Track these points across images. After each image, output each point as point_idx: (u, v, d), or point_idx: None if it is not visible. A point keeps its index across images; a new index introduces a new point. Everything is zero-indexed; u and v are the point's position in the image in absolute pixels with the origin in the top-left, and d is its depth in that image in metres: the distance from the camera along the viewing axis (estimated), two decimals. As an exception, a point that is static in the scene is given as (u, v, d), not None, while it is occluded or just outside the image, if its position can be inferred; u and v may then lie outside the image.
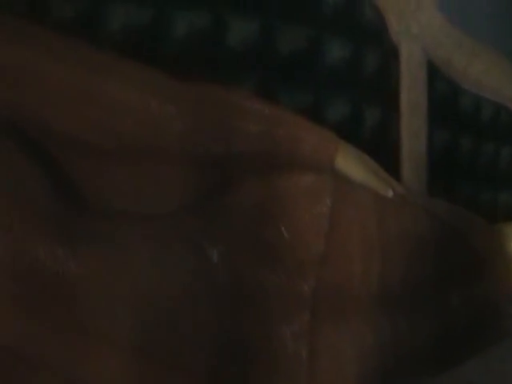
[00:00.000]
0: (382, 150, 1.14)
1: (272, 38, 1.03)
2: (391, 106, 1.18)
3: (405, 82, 1.20)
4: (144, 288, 0.77)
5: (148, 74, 0.86)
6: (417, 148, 1.22)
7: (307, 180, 0.90)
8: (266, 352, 0.83)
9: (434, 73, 1.26)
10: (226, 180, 0.87)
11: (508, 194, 1.42)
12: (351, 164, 0.94)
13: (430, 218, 0.98)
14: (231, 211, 0.85)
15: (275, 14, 1.03)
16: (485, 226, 1.10)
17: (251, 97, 0.91)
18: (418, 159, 1.22)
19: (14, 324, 0.73)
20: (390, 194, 0.95)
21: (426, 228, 0.97)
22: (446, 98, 1.30)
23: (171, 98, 0.84)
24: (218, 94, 0.88)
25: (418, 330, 0.94)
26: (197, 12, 0.97)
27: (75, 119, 0.80)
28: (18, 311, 0.74)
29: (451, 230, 1.01)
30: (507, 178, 1.42)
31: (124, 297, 0.75)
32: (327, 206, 0.89)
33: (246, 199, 0.86)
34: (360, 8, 1.15)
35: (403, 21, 1.22)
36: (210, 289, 0.80)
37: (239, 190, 0.86)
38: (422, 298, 0.95)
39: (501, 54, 1.37)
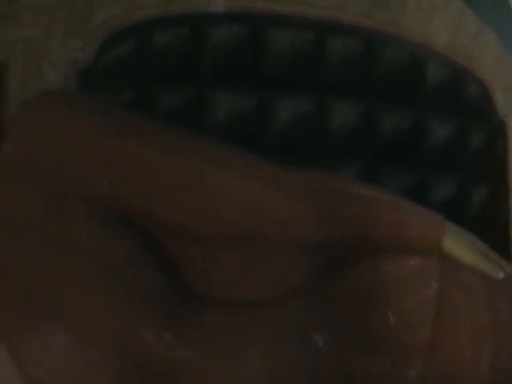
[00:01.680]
0: (491, 229, 1.11)
1: (375, 120, 1.03)
2: (499, 183, 1.16)
3: (513, 158, 1.18)
4: (248, 377, 0.77)
5: (252, 161, 0.87)
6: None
7: (413, 263, 0.88)
8: None
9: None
10: (330, 265, 0.86)
11: None
12: (459, 246, 0.92)
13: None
14: (337, 296, 0.84)
15: (377, 96, 1.04)
16: None
17: (355, 181, 0.91)
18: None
19: None
20: (501, 275, 0.92)
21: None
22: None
23: (275, 185, 0.85)
24: (322, 180, 0.88)
25: None
26: (299, 97, 0.99)
27: (180, 207, 0.83)
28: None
29: None
30: None
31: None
32: (434, 290, 0.87)
33: (352, 284, 0.85)
34: (464, 83, 1.14)
35: (510, 94, 1.20)
36: (316, 378, 0.79)
37: (345, 274, 0.86)
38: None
39: None
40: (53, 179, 0.80)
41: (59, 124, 0.81)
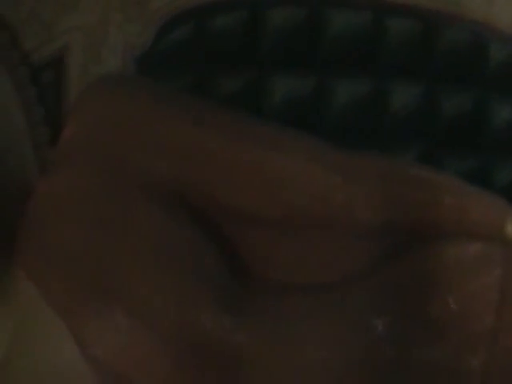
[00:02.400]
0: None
1: (435, 102, 1.01)
2: None
3: None
4: (307, 362, 0.77)
5: (312, 144, 0.87)
6: None
7: (475, 249, 0.86)
8: None
9: None
10: (392, 250, 0.85)
11: None
12: None
13: None
14: (398, 282, 0.83)
15: (438, 78, 1.02)
16: None
17: (416, 164, 0.90)
18: None
19: None
20: None
21: None
22: None
23: (336, 168, 0.85)
24: (382, 163, 0.87)
25: None
26: (358, 79, 0.98)
27: (239, 191, 0.83)
28: (182, 379, 0.76)
29: None
30: None
31: (289, 371, 0.75)
32: (497, 276, 0.85)
33: (413, 269, 0.84)
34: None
35: None
36: (374, 365, 0.78)
37: (406, 259, 0.85)
38: None
39: None
40: (113, 163, 0.80)
41: (119, 108, 0.82)
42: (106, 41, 0.94)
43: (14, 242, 0.81)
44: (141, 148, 0.81)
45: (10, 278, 0.80)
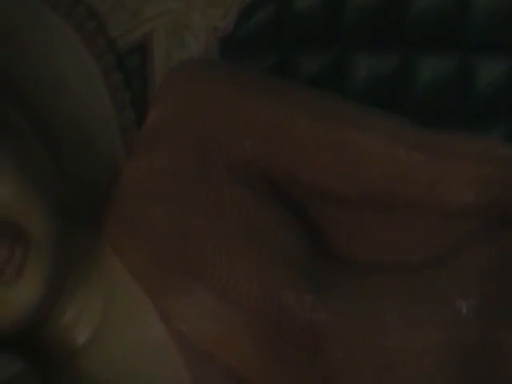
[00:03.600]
0: None
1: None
2: None
3: None
4: (389, 344, 0.76)
5: (395, 122, 0.86)
6: None
7: None
8: None
9: None
10: (478, 232, 0.83)
11: None
12: None
13: None
14: (486, 263, 0.81)
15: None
16: None
17: (503, 143, 0.87)
18: None
19: (257, 367, 0.76)
20: None
21: None
22: None
23: (419, 147, 0.83)
24: (468, 142, 0.85)
25: None
26: (442, 57, 0.96)
27: (322, 170, 0.83)
28: (263, 355, 0.77)
29: None
30: None
31: (369, 351, 0.75)
32: None
33: (501, 253, 0.82)
34: None
35: None
36: (457, 347, 0.77)
37: (493, 243, 0.83)
38: None
39: None
40: (198, 145, 0.82)
41: (203, 91, 0.83)
42: (189, 26, 0.96)
43: (103, 222, 0.83)
44: (226, 129, 0.82)
45: (99, 255, 0.82)
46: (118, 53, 0.96)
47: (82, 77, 0.95)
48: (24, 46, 0.94)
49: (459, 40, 0.98)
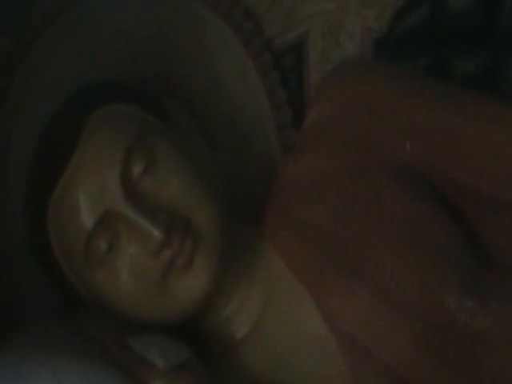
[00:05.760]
0: None
1: None
2: None
3: None
4: None
5: None
6: None
7: None
8: None
9: None
10: None
11: None
12: None
13: None
14: None
15: None
16: None
17: None
18: None
19: (418, 368, 0.77)
20: None
21: None
22: None
23: None
24: None
25: None
26: None
27: (482, 173, 0.82)
28: (421, 355, 0.77)
29: None
30: None
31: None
32: None
33: None
34: None
35: None
36: None
37: None
38: None
39: None
40: (359, 145, 0.83)
41: (363, 92, 0.84)
42: (344, 26, 0.97)
43: (262, 219, 0.86)
44: (385, 130, 0.83)
45: (260, 252, 0.84)
46: (275, 52, 0.98)
47: (238, 76, 0.97)
48: (184, 46, 0.97)
49: None
